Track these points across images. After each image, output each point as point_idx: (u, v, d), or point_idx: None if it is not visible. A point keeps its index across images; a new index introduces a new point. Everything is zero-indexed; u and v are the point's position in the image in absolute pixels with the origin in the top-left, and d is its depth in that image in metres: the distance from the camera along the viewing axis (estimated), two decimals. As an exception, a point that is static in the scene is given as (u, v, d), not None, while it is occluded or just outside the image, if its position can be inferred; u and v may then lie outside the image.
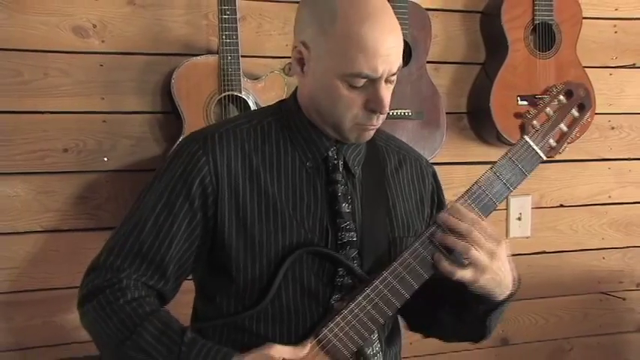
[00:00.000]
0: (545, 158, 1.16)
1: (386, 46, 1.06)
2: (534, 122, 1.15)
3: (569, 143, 1.18)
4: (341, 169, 1.17)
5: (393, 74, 1.10)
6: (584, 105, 1.18)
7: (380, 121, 1.13)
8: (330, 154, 1.16)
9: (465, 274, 1.07)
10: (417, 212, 1.26)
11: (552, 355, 2.45)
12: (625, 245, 2.48)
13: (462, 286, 1.10)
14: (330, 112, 1.12)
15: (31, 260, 1.89)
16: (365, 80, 1.08)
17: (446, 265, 1.08)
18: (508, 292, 1.13)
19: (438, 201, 1.31)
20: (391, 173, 1.25)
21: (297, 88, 1.20)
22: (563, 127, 1.17)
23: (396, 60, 1.09)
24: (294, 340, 1.12)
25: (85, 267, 1.15)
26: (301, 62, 1.13)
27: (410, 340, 2.14)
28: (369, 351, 1.16)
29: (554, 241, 2.41)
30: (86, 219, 1.93)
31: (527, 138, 1.15)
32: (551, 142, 1.17)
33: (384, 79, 1.09)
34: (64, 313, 1.92)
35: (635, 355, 2.53)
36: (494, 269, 1.08)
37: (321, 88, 1.11)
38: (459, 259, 1.08)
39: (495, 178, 1.14)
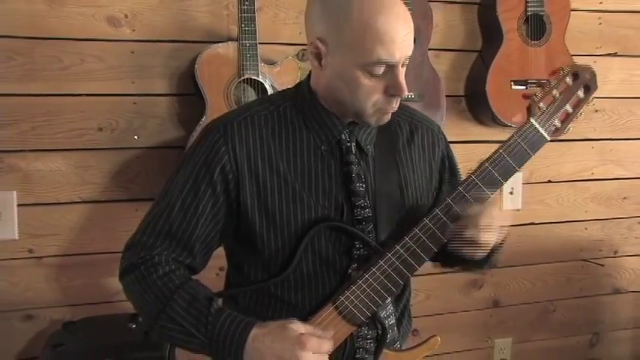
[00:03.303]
0: (549, 139, 1.13)
1: (401, 33, 1.05)
2: (541, 104, 1.11)
3: (572, 124, 1.15)
4: (354, 150, 1.16)
5: (408, 57, 1.09)
6: (590, 87, 1.13)
7: (398, 104, 1.12)
8: (343, 136, 1.15)
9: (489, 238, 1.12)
10: (426, 179, 1.25)
11: (538, 316, 2.49)
12: (605, 217, 2.51)
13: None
14: (352, 101, 1.10)
15: (72, 228, 1.93)
16: (384, 67, 1.06)
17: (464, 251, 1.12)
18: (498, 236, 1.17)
19: (449, 164, 1.29)
20: (403, 145, 1.22)
21: (310, 73, 1.18)
22: (568, 108, 1.13)
23: (410, 45, 1.08)
24: (315, 305, 1.14)
25: (118, 234, 1.24)
26: (319, 57, 1.10)
27: (412, 301, 2.18)
28: (382, 313, 1.17)
29: (542, 213, 2.43)
30: (119, 191, 1.96)
31: (533, 120, 1.12)
32: (557, 122, 1.13)
33: (400, 64, 1.07)
34: (102, 275, 1.95)
35: (610, 315, 2.58)
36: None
37: (341, 80, 1.09)
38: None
39: (502, 158, 1.11)
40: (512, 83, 2.13)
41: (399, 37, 1.04)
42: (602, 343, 2.57)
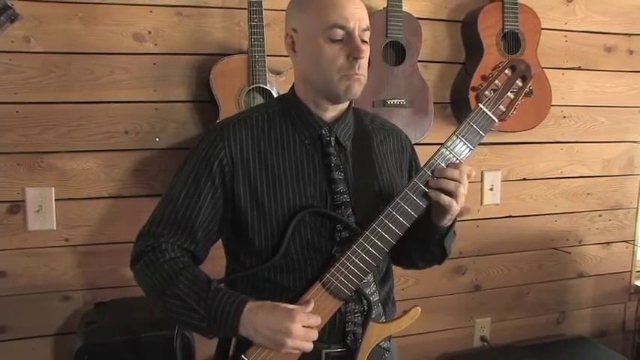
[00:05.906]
0: (497, 121, 1.17)
1: (352, 4, 1.15)
2: (486, 92, 1.16)
3: (516, 109, 1.19)
4: (333, 144, 1.21)
5: (364, 30, 1.15)
6: (526, 76, 1.19)
7: (362, 71, 1.16)
8: (324, 132, 1.21)
9: (458, 202, 1.15)
10: (398, 175, 1.31)
11: (514, 298, 2.57)
12: (572, 211, 2.59)
13: (420, 228, 1.17)
14: (319, 72, 1.16)
15: (100, 220, 1.99)
16: (342, 33, 1.13)
17: (445, 198, 1.14)
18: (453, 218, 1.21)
19: (415, 165, 1.36)
20: (377, 145, 1.29)
21: (294, 84, 1.25)
22: (510, 95, 1.17)
23: (364, 18, 1.16)
24: (304, 285, 1.17)
25: (141, 226, 1.23)
26: (293, 45, 1.19)
27: (401, 287, 2.24)
28: (367, 290, 1.21)
29: (518, 207, 2.49)
30: (142, 188, 2.02)
31: (481, 105, 1.17)
32: (502, 107, 1.17)
33: (357, 31, 1.14)
34: (126, 262, 1.95)
35: (574, 296, 2.67)
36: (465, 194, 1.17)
37: (310, 54, 1.16)
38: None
39: (459, 141, 1.15)
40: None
41: (351, 6, 1.14)
42: (567, 320, 2.65)
